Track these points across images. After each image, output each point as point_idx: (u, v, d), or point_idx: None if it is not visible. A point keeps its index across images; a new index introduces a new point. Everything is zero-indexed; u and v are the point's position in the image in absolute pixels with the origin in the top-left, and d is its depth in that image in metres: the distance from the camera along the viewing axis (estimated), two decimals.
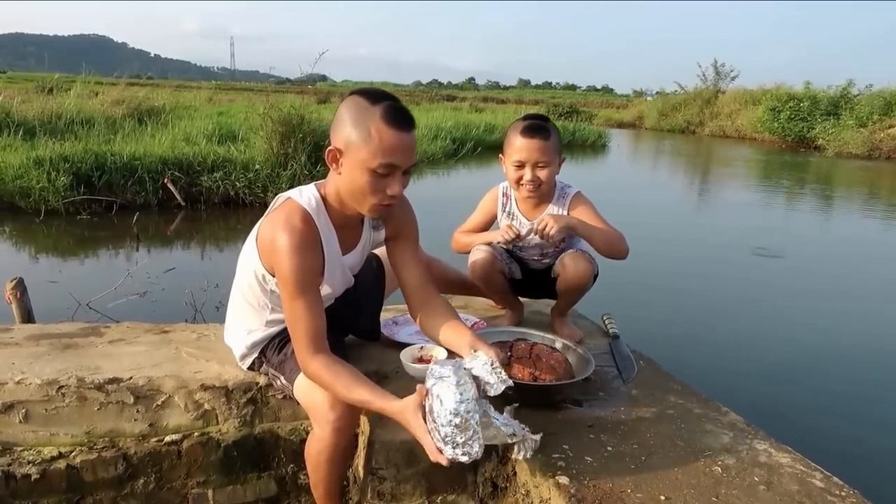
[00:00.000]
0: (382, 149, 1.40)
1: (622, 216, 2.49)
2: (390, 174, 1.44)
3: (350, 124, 1.42)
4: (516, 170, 2.05)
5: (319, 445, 1.51)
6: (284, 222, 1.46)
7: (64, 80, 13.87)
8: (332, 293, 1.66)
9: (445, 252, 2.28)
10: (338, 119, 1.46)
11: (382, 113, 1.40)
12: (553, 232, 1.91)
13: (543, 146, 2.01)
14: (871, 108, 20.80)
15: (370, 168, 1.41)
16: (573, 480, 1.33)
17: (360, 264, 1.74)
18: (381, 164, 1.41)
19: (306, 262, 1.45)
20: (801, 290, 5.27)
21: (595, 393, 1.75)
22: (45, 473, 1.67)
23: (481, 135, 15.16)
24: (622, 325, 2.21)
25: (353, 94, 1.48)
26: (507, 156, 2.08)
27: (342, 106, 1.47)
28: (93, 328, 2.05)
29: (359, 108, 1.42)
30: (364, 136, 1.40)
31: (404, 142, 1.42)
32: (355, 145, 1.41)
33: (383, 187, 1.45)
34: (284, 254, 1.43)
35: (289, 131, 7.81)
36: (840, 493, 1.32)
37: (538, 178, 2.03)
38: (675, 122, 29.72)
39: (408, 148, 1.43)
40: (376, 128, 1.39)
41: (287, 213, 1.48)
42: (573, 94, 77.95)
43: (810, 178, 14.55)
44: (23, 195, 6.46)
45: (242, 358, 1.75)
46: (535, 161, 2.02)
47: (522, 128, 2.03)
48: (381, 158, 1.40)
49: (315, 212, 1.51)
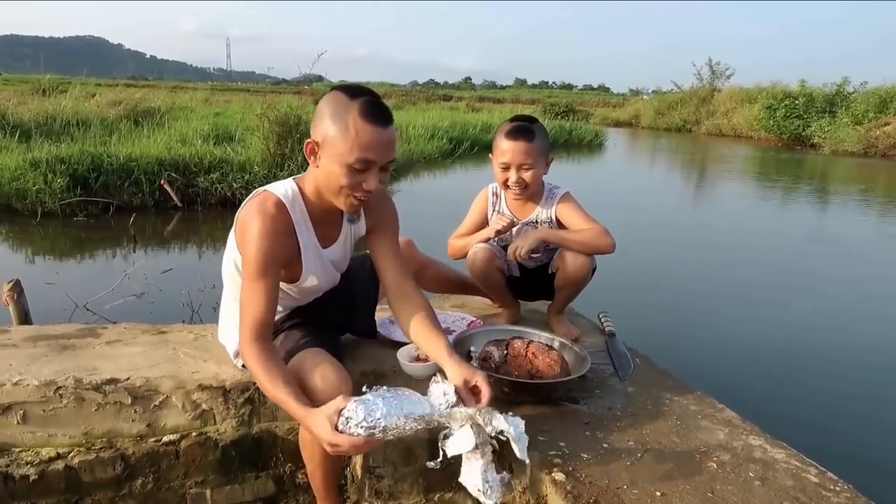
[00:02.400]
0: (359, 144, 1.39)
1: (618, 215, 2.51)
2: (367, 169, 1.44)
3: (329, 118, 1.42)
4: (503, 171, 2.07)
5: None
6: (257, 207, 1.48)
7: (60, 82, 13.86)
8: (317, 285, 1.67)
9: (442, 253, 2.29)
10: (318, 113, 1.47)
11: (360, 108, 1.40)
12: (522, 253, 1.96)
13: (528, 148, 2.02)
14: (866, 106, 20.87)
15: (347, 163, 1.41)
16: (569, 477, 1.33)
17: (345, 260, 1.74)
18: (358, 159, 1.41)
19: (272, 247, 1.45)
20: (797, 287, 5.29)
21: (591, 390, 1.76)
22: (43, 474, 1.67)
23: (478, 134, 15.20)
24: (618, 323, 2.22)
25: (334, 89, 1.49)
26: (494, 157, 2.10)
27: (322, 101, 1.48)
28: (90, 329, 2.05)
29: (337, 102, 1.42)
30: (341, 130, 1.40)
31: (381, 137, 1.42)
32: (332, 139, 1.41)
33: (359, 182, 1.45)
34: (252, 236, 1.45)
35: (285, 132, 7.81)
36: (834, 488, 1.33)
37: (523, 179, 2.04)
38: (671, 121, 29.79)
39: (385, 143, 1.43)
40: (353, 123, 1.39)
41: (261, 200, 1.50)
42: (570, 94, 78.01)
43: (807, 176, 14.59)
44: (19, 197, 6.46)
45: (237, 356, 1.75)
46: (520, 163, 2.03)
47: (508, 130, 2.04)
48: (357, 153, 1.40)
49: (290, 202, 1.53)
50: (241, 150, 8.16)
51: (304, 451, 1.60)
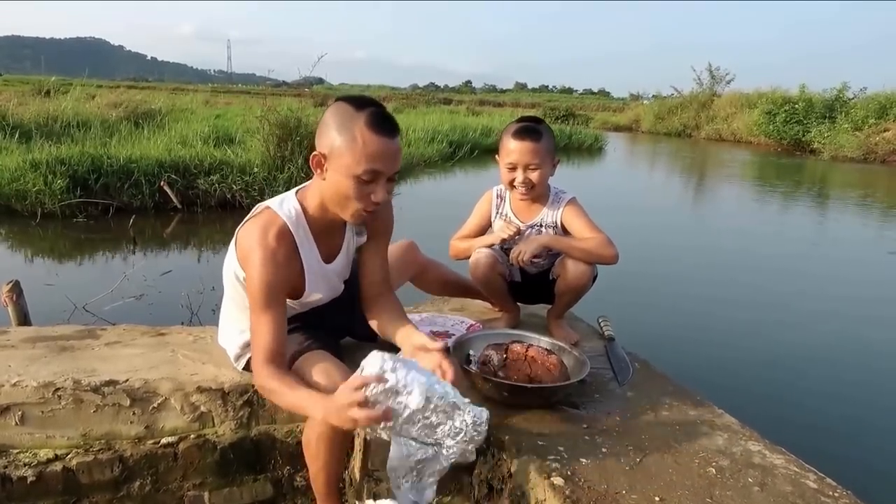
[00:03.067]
0: (367, 155, 1.40)
1: (618, 219, 2.51)
2: (374, 180, 1.44)
3: (335, 130, 1.43)
4: (509, 171, 2.08)
5: (318, 431, 1.52)
6: (260, 236, 1.47)
7: (61, 83, 13.86)
8: (321, 298, 1.68)
9: (443, 256, 2.29)
10: (323, 125, 1.47)
11: (367, 119, 1.41)
12: (525, 258, 1.97)
13: (535, 148, 2.02)
14: (865, 112, 20.90)
15: (355, 174, 1.42)
16: (568, 482, 1.33)
17: (347, 269, 1.75)
18: (366, 171, 1.41)
19: (276, 277, 1.47)
20: (797, 292, 5.29)
21: (590, 395, 1.76)
22: (40, 476, 1.67)
23: (478, 138, 15.19)
24: (618, 328, 2.22)
25: (339, 100, 1.49)
26: (500, 157, 2.11)
27: (327, 112, 1.48)
28: (89, 331, 2.05)
29: (344, 114, 1.43)
30: (349, 142, 1.40)
31: (389, 148, 1.43)
32: (340, 151, 1.42)
33: (367, 193, 1.45)
34: (255, 268, 1.46)
35: (286, 134, 7.81)
36: (833, 493, 1.33)
37: (530, 179, 2.05)
38: (671, 126, 29.80)
39: (392, 154, 1.44)
40: (361, 134, 1.40)
41: (264, 225, 1.49)
42: (570, 98, 78.12)
43: (807, 181, 14.60)
44: (19, 198, 6.45)
45: (237, 359, 1.75)
46: (527, 163, 2.04)
47: (514, 130, 2.05)
48: (365, 165, 1.41)
49: (294, 224, 1.53)
50: (242, 152, 8.15)
51: (308, 451, 1.59)
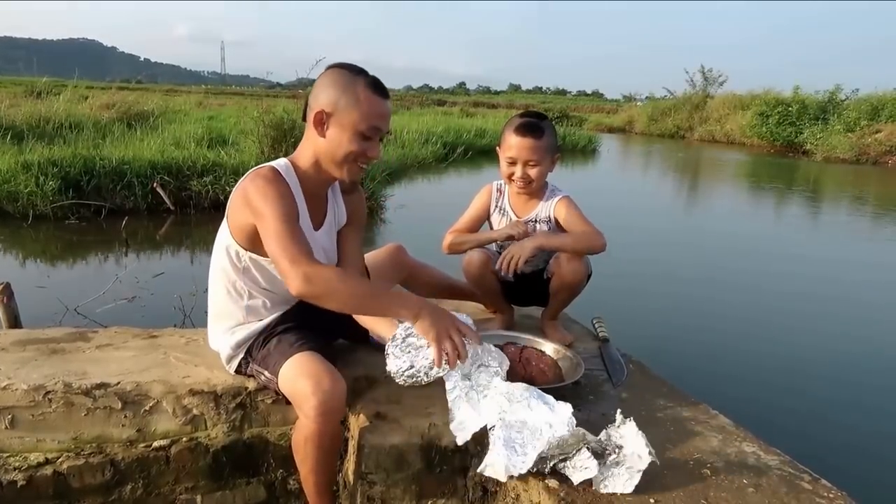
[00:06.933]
0: (371, 113, 1.56)
1: (611, 220, 2.51)
2: (373, 137, 1.59)
3: (338, 90, 1.55)
4: (509, 166, 2.09)
5: (306, 433, 1.51)
6: (255, 175, 1.57)
7: (54, 84, 13.79)
8: None
9: (436, 258, 2.28)
10: (321, 86, 1.58)
11: (367, 82, 1.57)
12: (520, 264, 1.95)
13: (535, 145, 2.03)
14: (858, 113, 21.05)
15: (359, 130, 1.56)
16: (563, 484, 1.33)
17: (333, 251, 1.80)
18: (369, 127, 1.57)
19: (286, 203, 1.53)
20: (791, 293, 5.31)
21: (585, 396, 1.75)
22: (31, 480, 1.65)
23: (472, 139, 15.21)
24: (612, 329, 2.22)
25: (333, 66, 1.61)
26: (501, 150, 2.13)
27: (324, 76, 1.60)
28: (80, 333, 2.04)
29: (344, 77, 1.57)
30: (353, 101, 1.54)
31: (386, 108, 1.61)
32: (345, 108, 1.55)
33: (365, 150, 1.59)
34: (260, 193, 1.52)
35: (280, 135, 7.79)
36: (828, 494, 1.33)
37: (528, 175, 2.07)
38: (664, 127, 29.88)
39: (388, 115, 1.63)
40: (364, 95, 1.55)
41: (258, 171, 1.59)
42: (564, 99, 78.31)
43: (800, 182, 14.67)
44: (10, 199, 6.40)
45: (229, 360, 1.74)
46: (526, 159, 2.05)
47: (517, 125, 2.06)
48: (369, 121, 1.56)
49: (285, 172, 1.62)
50: (235, 153, 8.13)
51: (297, 454, 1.58)
